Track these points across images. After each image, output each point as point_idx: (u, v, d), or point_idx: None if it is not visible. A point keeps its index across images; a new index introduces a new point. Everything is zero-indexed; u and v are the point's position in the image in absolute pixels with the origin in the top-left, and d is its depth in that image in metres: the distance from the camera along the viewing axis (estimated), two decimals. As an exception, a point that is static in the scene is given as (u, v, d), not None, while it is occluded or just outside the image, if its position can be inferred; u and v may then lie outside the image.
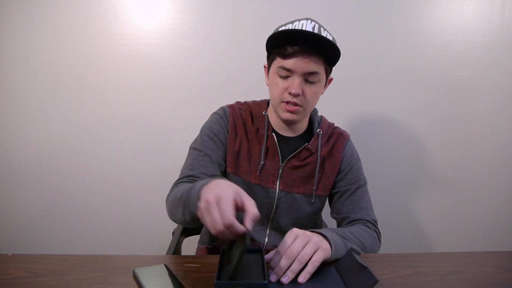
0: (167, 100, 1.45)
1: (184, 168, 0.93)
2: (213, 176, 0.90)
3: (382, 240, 0.95)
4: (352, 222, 0.94)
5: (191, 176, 0.89)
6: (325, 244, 0.72)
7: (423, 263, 0.77)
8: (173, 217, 0.84)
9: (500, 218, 1.53)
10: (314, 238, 0.70)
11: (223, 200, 0.60)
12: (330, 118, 1.06)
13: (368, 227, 0.92)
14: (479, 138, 1.49)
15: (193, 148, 0.96)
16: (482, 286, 0.69)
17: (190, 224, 0.76)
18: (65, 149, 1.48)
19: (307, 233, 0.72)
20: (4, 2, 1.38)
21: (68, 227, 1.53)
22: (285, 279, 0.66)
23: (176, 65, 1.43)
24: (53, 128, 1.46)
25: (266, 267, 0.66)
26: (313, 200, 0.97)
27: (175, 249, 1.01)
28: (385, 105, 1.46)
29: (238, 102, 1.03)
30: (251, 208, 0.61)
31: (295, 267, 0.67)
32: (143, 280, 0.65)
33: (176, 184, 0.89)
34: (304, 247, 0.69)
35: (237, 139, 0.97)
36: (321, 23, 0.89)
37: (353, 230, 0.86)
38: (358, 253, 0.81)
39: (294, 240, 0.70)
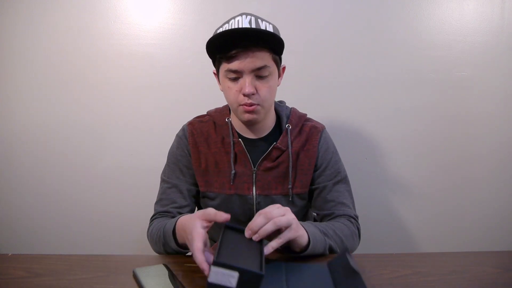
0: (167, 100, 1.45)
1: (156, 203, 0.98)
2: (181, 207, 0.95)
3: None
4: (335, 218, 0.93)
5: (163, 212, 0.94)
6: (302, 231, 0.73)
7: (423, 263, 0.77)
8: (158, 252, 0.88)
9: (500, 218, 1.53)
10: (294, 218, 0.71)
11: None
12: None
13: (351, 222, 0.91)
14: (479, 138, 1.49)
15: (162, 179, 1.00)
16: (482, 286, 0.69)
17: (178, 254, 0.81)
18: (65, 149, 1.48)
19: (288, 208, 0.73)
20: (4, 2, 1.38)
21: (68, 227, 1.52)
22: (255, 237, 0.67)
23: (176, 65, 1.42)
24: (53, 128, 1.46)
25: (264, 259, 0.63)
26: (290, 199, 0.95)
27: (175, 249, 1.01)
28: (385, 105, 1.46)
29: (199, 116, 1.03)
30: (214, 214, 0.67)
31: (269, 227, 0.67)
32: (143, 280, 0.66)
33: (152, 220, 0.95)
34: (282, 215, 0.69)
35: (201, 157, 0.96)
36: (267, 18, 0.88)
37: (335, 227, 0.85)
38: (334, 252, 0.81)
39: (277, 208, 0.71)
